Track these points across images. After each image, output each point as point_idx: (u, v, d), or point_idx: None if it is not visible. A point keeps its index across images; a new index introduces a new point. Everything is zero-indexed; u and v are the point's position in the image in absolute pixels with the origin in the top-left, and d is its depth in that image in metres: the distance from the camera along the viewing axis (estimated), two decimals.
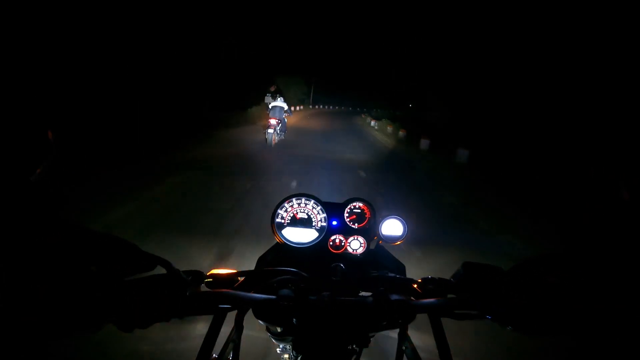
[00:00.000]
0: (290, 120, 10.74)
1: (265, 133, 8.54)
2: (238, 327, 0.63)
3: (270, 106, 9.37)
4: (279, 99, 9.43)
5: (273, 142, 8.55)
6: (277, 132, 8.77)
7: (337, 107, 41.91)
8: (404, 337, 0.65)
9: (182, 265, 0.55)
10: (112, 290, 0.45)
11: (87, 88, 9.09)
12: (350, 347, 0.58)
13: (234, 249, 2.89)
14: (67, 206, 0.46)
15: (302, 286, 0.61)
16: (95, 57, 9.61)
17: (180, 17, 13.41)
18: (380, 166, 8.08)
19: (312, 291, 0.57)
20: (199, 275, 0.61)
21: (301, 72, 31.72)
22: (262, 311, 0.58)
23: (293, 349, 0.60)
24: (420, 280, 0.66)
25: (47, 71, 7.79)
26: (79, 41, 8.96)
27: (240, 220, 3.61)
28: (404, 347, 0.65)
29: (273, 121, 8.74)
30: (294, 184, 5.25)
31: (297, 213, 0.88)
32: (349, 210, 0.89)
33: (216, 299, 0.55)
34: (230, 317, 0.59)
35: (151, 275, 0.50)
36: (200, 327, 1.79)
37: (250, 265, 0.78)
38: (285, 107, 9.32)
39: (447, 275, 0.65)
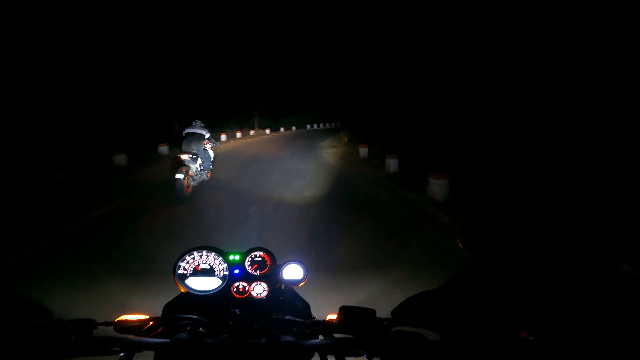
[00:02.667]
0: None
1: (173, 178, 5.40)
2: None
3: (184, 133, 6.31)
4: (195, 123, 6.41)
5: (186, 191, 5.46)
6: (192, 175, 5.70)
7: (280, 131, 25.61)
8: None
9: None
10: None
11: None
12: None
13: None
14: None
15: (198, 331, 0.65)
16: None
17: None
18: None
19: (209, 335, 0.63)
20: (89, 323, 0.68)
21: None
22: (162, 355, 0.64)
23: None
24: (311, 322, 0.76)
25: None
26: None
27: None
28: None
29: (185, 157, 5.68)
30: None
31: (198, 265, 0.90)
32: (250, 260, 0.92)
33: (104, 343, 0.56)
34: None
35: (38, 323, 0.58)
36: None
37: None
38: (207, 134, 6.32)
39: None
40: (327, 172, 8.57)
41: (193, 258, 0.90)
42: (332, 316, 0.77)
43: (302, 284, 0.89)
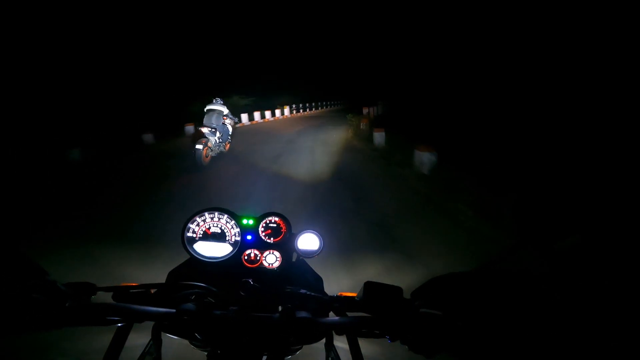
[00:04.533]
0: None
1: (193, 148, 6.09)
2: (156, 340, 0.65)
3: (205, 110, 6.98)
4: (216, 100, 7.07)
5: (204, 160, 6.17)
6: (210, 147, 6.39)
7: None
8: (330, 348, 0.72)
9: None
10: None
11: None
12: None
13: None
14: None
15: (206, 301, 0.62)
16: None
17: None
18: None
19: (218, 306, 0.59)
20: (88, 287, 0.60)
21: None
22: (165, 325, 0.62)
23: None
24: (328, 298, 0.70)
25: None
26: None
27: None
28: (330, 358, 0.70)
29: (205, 130, 6.38)
30: None
31: (209, 228, 0.85)
32: (264, 225, 0.87)
33: (102, 311, 0.53)
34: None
35: (29, 284, 0.49)
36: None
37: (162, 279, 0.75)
38: (225, 111, 6.98)
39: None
40: None
41: (204, 220, 0.85)
42: (345, 293, 0.74)
43: (316, 255, 0.84)
